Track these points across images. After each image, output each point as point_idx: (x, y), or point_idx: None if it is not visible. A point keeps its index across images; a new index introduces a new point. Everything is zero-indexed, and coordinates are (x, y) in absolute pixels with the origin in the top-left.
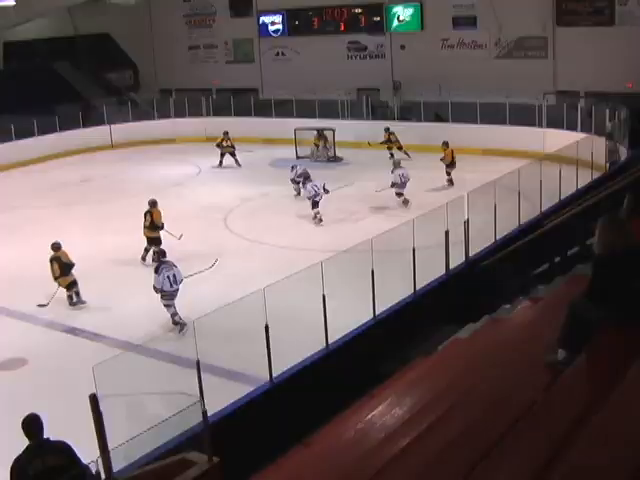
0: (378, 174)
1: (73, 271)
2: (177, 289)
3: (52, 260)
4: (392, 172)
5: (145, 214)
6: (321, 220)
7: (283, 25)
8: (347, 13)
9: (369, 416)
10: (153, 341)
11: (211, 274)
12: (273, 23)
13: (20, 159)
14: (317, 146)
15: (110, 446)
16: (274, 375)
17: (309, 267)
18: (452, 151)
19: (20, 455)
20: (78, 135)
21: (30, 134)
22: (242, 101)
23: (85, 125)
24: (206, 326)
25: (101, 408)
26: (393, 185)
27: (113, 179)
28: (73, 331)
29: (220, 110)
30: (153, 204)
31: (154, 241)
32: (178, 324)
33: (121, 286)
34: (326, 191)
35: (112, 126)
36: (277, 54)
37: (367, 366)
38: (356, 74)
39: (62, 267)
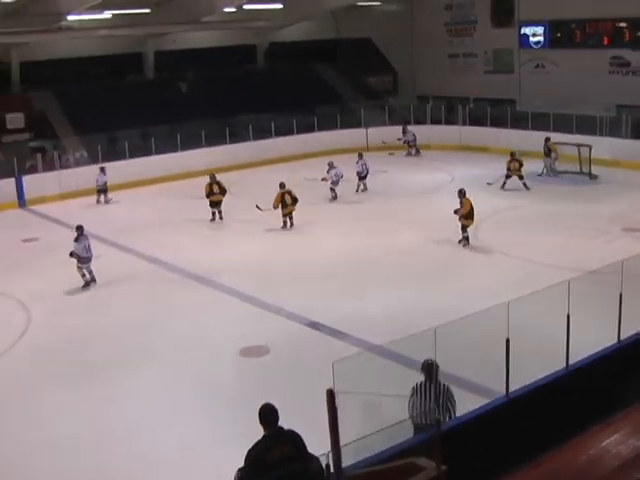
0: (635, 194)
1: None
2: (90, 256)
3: (284, 193)
4: (327, 172)
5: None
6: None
7: (544, 37)
8: (611, 27)
9: (604, 443)
10: (392, 343)
11: (456, 283)
12: (534, 35)
13: (278, 155)
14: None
15: (341, 442)
16: (510, 390)
17: (556, 284)
18: (470, 202)
19: (257, 443)
20: (335, 136)
21: (289, 132)
22: (499, 111)
23: (342, 127)
24: (447, 334)
25: (336, 404)
26: (331, 181)
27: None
28: (315, 326)
29: (476, 119)
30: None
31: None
32: (87, 284)
33: (365, 285)
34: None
35: (369, 129)
36: (536, 66)
37: (606, 391)
38: (617, 90)
39: (293, 199)
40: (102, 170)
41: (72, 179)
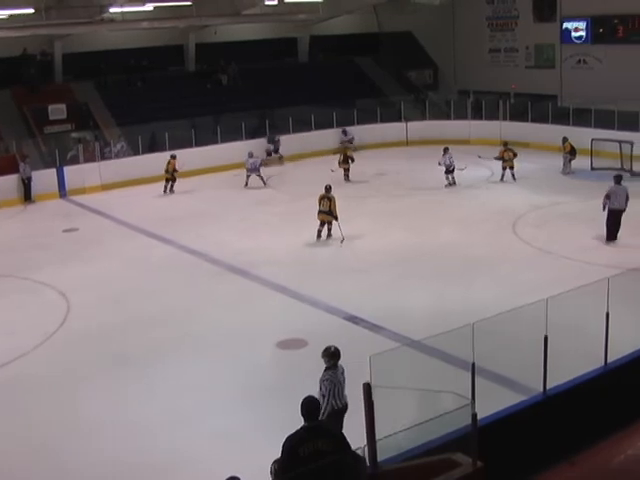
0: None
1: None
2: None
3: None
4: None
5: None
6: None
7: (587, 32)
8: None
9: None
10: (430, 338)
11: (494, 279)
12: (576, 29)
13: (317, 149)
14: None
15: (377, 435)
16: (547, 387)
17: (596, 282)
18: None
19: (293, 434)
20: (375, 130)
21: (329, 125)
22: (540, 107)
23: (382, 120)
24: (485, 330)
25: (373, 398)
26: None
27: (405, 175)
28: (353, 319)
29: (517, 115)
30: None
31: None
32: None
33: (403, 280)
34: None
35: (408, 123)
36: (578, 61)
37: None
38: None
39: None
40: (250, 155)
41: (112, 170)
